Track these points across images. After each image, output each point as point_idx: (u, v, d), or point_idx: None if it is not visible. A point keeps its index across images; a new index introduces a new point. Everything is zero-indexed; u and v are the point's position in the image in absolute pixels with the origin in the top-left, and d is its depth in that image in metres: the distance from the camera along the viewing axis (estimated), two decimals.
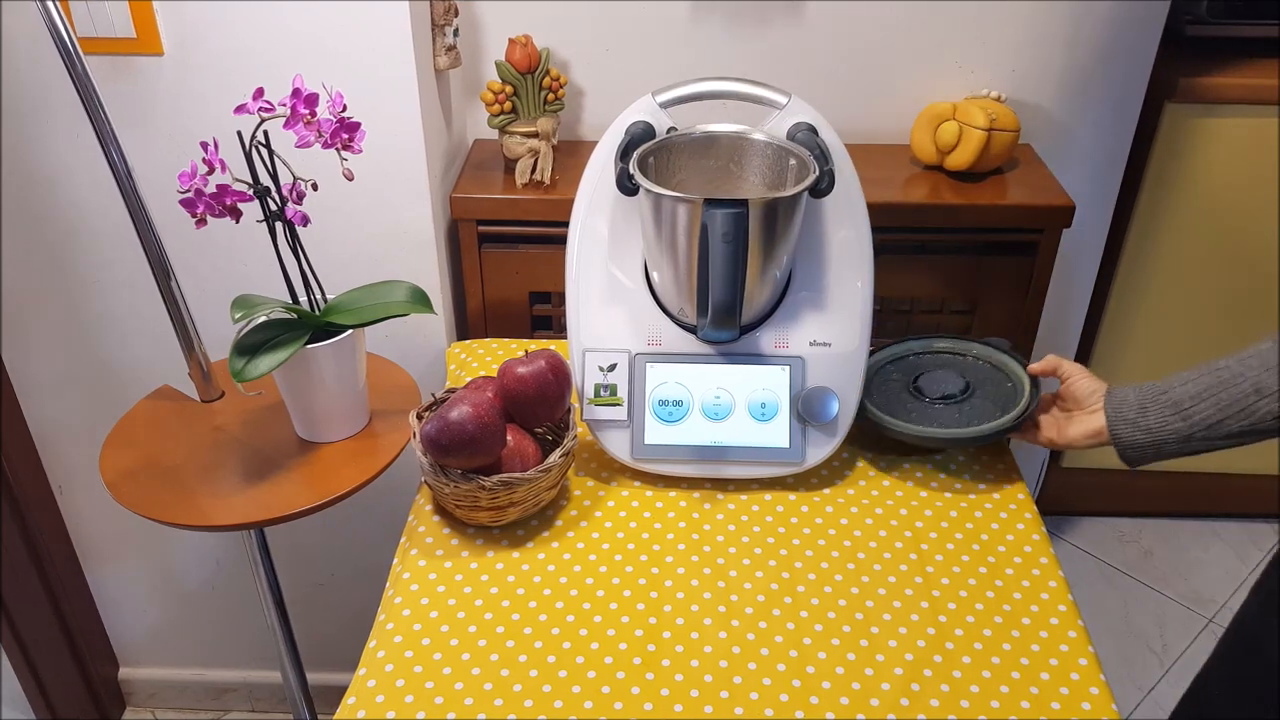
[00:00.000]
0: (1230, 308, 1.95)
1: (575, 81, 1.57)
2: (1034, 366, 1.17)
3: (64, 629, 1.78)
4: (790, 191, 1.07)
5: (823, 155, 1.11)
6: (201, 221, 1.08)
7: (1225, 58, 1.75)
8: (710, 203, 1.03)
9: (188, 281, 1.23)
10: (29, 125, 1.35)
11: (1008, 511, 1.13)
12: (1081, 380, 1.10)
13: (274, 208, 1.11)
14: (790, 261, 1.15)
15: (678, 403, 1.15)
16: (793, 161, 1.14)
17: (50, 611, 1.74)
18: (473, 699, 0.92)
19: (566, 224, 1.20)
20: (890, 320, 1.56)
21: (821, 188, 1.10)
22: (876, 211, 1.19)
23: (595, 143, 1.18)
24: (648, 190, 1.08)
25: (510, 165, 1.51)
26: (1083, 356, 2.01)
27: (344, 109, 1.07)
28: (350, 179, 1.09)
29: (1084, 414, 1.08)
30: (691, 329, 1.17)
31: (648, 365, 1.16)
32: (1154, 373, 2.09)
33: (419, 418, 1.14)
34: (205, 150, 1.06)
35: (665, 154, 1.17)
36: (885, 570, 1.05)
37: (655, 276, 1.17)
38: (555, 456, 1.08)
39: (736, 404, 1.15)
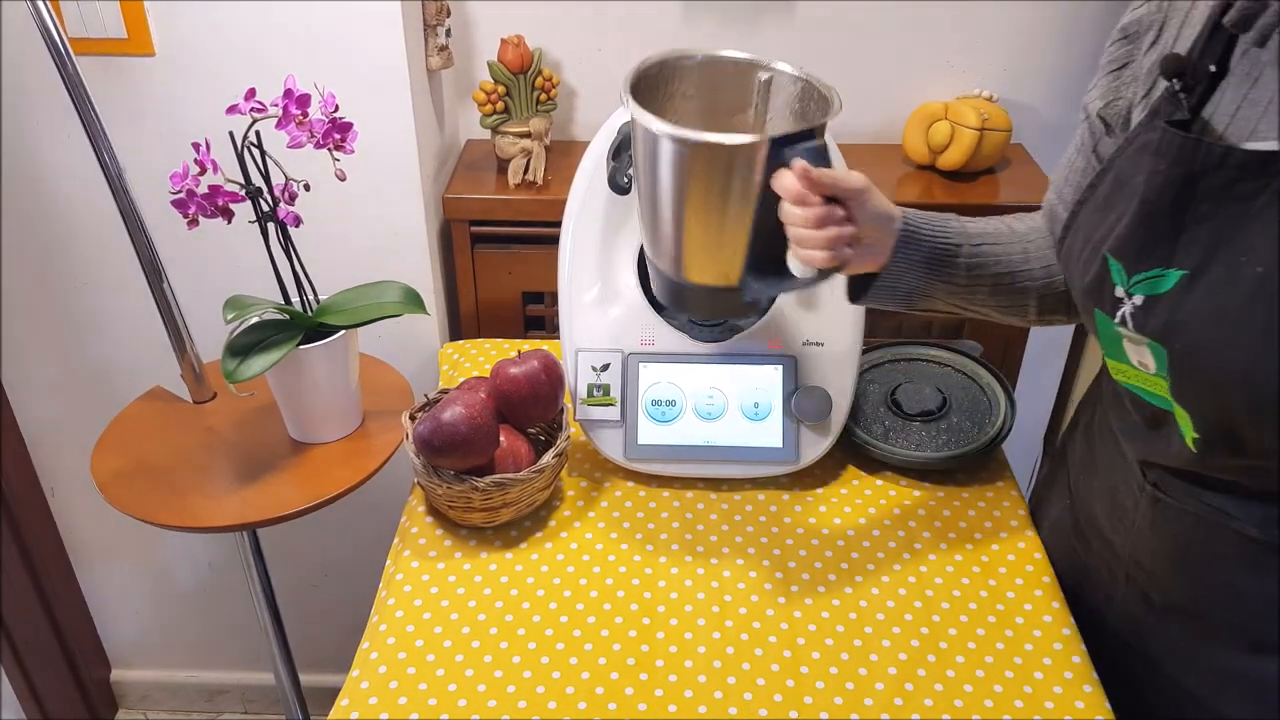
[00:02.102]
0: None
1: (567, 82, 1.57)
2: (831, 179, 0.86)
3: (56, 631, 1.77)
4: (829, 118, 0.88)
5: None
6: (193, 222, 1.07)
7: None
8: (780, 141, 0.85)
9: (179, 282, 1.23)
10: (20, 126, 1.34)
11: (1000, 510, 1.13)
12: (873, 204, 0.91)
13: (266, 208, 1.11)
14: None
15: (671, 402, 1.15)
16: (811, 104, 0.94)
17: (42, 614, 1.73)
18: (466, 700, 0.92)
19: (559, 224, 1.20)
20: (883, 320, 1.56)
21: None
22: None
23: (588, 143, 1.18)
24: (691, 141, 0.86)
25: (503, 165, 1.51)
26: (1075, 354, 2.01)
27: (336, 109, 1.07)
28: (342, 179, 1.09)
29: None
30: (684, 329, 1.17)
31: (640, 365, 1.16)
32: None
33: (412, 418, 1.14)
34: (197, 151, 1.06)
35: (659, 91, 0.99)
36: (879, 570, 1.05)
37: (660, 236, 0.97)
38: (548, 457, 1.08)
39: (729, 404, 1.15)
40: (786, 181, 0.84)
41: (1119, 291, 0.79)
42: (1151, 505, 0.88)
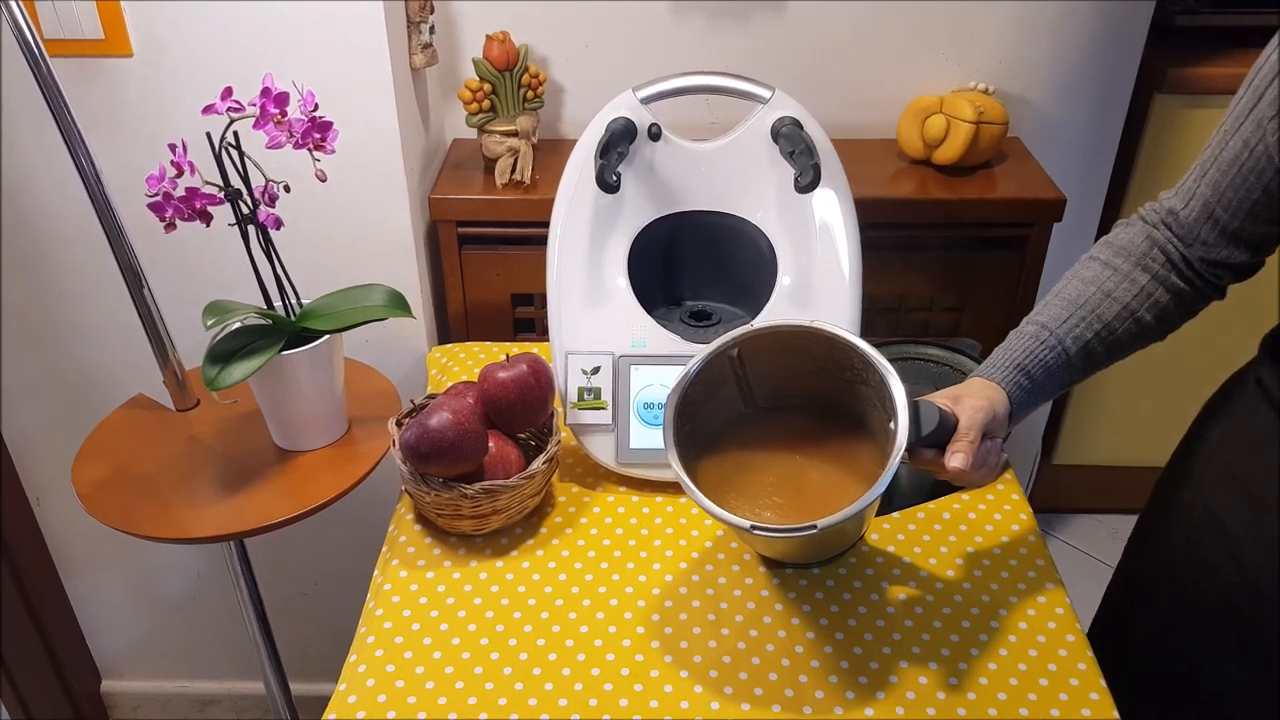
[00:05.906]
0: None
1: (555, 79, 1.55)
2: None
3: (45, 642, 1.75)
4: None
5: (808, 150, 1.09)
6: (170, 226, 1.05)
7: (1214, 48, 1.74)
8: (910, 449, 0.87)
9: (160, 288, 1.21)
10: None
11: (1002, 513, 1.11)
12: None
13: (246, 211, 1.08)
14: None
15: (663, 405, 1.13)
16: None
17: (30, 624, 1.71)
18: (456, 713, 0.89)
19: (548, 224, 1.17)
20: (879, 319, 1.54)
21: (807, 182, 1.08)
22: (863, 207, 1.17)
23: (576, 140, 1.16)
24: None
25: (490, 165, 1.48)
26: None
27: (315, 108, 1.04)
28: (323, 180, 1.06)
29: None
30: (675, 330, 1.15)
31: (631, 368, 1.13)
32: (1146, 366, 2.05)
33: (398, 425, 1.11)
34: (174, 152, 1.03)
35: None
36: (879, 574, 1.03)
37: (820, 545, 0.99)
38: (538, 463, 1.06)
39: None
40: (954, 471, 0.87)
41: None
42: None
